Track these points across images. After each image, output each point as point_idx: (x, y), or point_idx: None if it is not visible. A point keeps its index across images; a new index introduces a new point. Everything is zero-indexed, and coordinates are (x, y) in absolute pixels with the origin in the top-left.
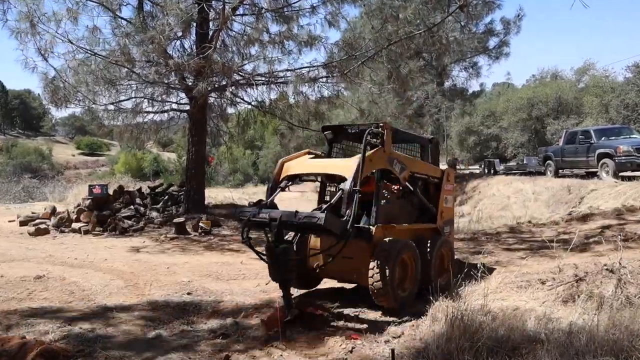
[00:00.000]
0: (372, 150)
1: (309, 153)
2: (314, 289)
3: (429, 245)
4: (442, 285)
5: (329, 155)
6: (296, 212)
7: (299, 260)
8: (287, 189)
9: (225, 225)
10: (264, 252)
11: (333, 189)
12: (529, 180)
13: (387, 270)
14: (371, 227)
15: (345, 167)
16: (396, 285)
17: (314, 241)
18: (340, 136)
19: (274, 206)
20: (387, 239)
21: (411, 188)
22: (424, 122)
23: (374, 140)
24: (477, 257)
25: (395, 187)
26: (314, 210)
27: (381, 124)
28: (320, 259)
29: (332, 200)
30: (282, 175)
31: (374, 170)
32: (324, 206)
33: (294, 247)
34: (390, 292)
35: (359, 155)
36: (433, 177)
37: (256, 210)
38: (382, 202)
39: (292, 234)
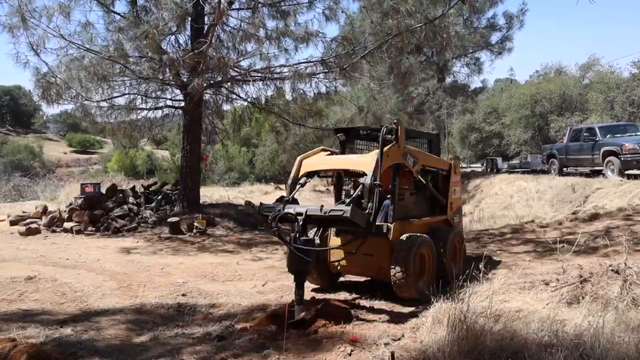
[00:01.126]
0: (388, 146)
1: (323, 150)
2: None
3: (442, 237)
4: (456, 274)
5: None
6: (321, 206)
7: (320, 255)
8: (304, 185)
9: (220, 225)
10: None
11: (346, 186)
12: (532, 178)
13: (408, 265)
14: (389, 224)
15: (364, 162)
16: (416, 278)
17: (334, 240)
18: (351, 137)
19: (295, 202)
20: (405, 235)
21: (423, 181)
22: (425, 119)
23: (389, 136)
24: (479, 258)
25: (406, 185)
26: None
27: (394, 121)
28: (341, 257)
29: (354, 194)
30: (301, 172)
31: (389, 164)
32: (347, 200)
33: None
34: (412, 284)
35: (377, 151)
36: (442, 170)
37: (281, 206)
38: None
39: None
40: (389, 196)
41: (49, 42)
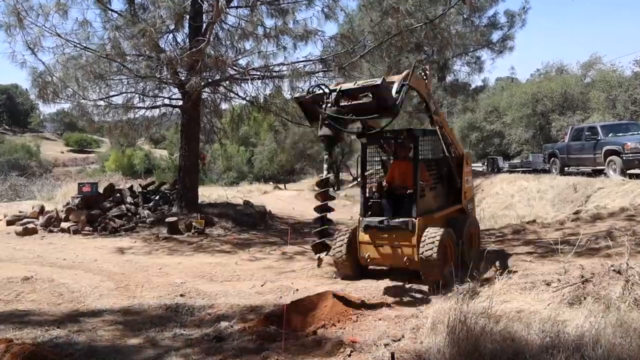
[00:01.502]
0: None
1: None
2: None
3: (460, 226)
4: (473, 258)
5: (364, 158)
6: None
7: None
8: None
9: (219, 225)
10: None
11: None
12: (533, 178)
13: (434, 255)
14: (414, 220)
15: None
16: (442, 265)
17: (362, 235)
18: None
19: None
20: (428, 229)
21: (440, 134)
22: (425, 118)
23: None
24: (480, 257)
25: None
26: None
27: (425, 67)
28: (370, 250)
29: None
30: None
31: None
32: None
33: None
34: (438, 271)
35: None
36: (458, 153)
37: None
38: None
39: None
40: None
41: (45, 40)
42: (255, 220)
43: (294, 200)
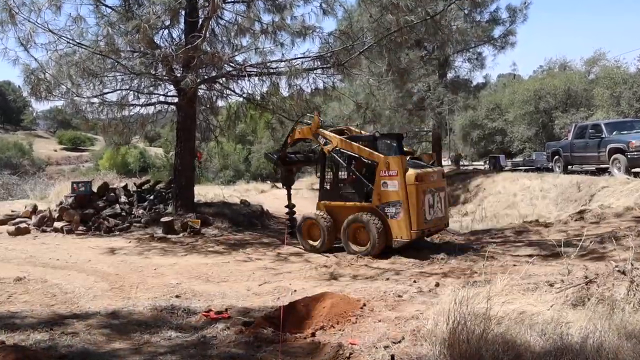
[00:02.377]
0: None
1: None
2: None
3: None
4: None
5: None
6: None
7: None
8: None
9: (215, 224)
10: None
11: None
12: (536, 176)
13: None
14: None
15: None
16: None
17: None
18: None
19: None
20: None
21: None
22: (425, 116)
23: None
24: (482, 257)
25: None
26: None
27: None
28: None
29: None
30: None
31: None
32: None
33: None
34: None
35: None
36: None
37: None
38: None
39: None
40: None
41: (38, 37)
42: (252, 220)
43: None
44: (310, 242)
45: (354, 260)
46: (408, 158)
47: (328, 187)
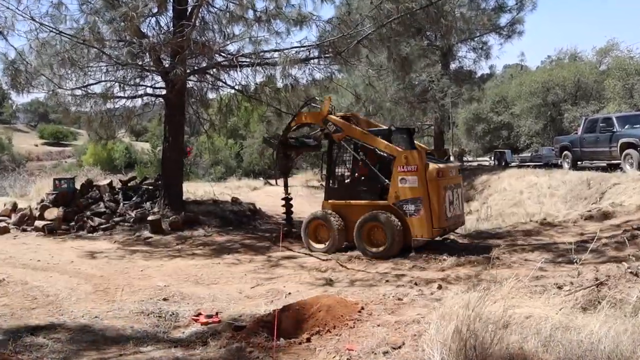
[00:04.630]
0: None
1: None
2: None
3: None
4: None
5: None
6: None
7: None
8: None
9: (205, 223)
10: None
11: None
12: (544, 173)
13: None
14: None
15: None
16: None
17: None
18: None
19: None
20: None
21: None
22: (428, 108)
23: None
24: (486, 258)
25: None
26: None
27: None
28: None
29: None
30: None
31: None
32: None
33: None
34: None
35: None
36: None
37: None
38: None
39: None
40: None
41: (17, 24)
42: (244, 218)
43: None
44: (317, 244)
45: (351, 261)
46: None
47: (336, 185)
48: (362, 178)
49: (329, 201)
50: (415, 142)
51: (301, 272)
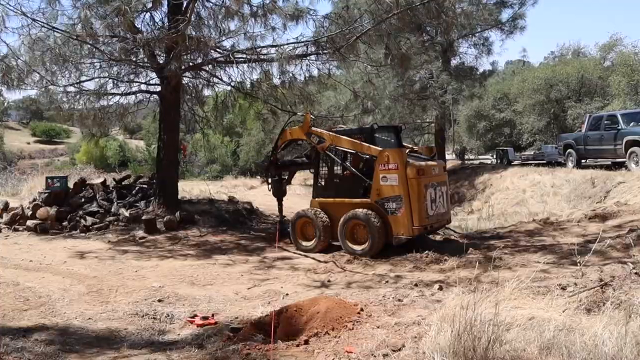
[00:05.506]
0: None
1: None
2: None
3: None
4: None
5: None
6: None
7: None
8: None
9: (201, 223)
10: None
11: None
12: (547, 171)
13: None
14: None
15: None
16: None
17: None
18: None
19: None
20: None
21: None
22: (428, 105)
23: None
24: (488, 259)
25: None
26: None
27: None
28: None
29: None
30: None
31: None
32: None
33: None
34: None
35: None
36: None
37: None
38: None
39: None
40: None
41: (9, 20)
42: (240, 218)
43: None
44: (304, 242)
45: (349, 262)
46: (407, 151)
47: (323, 183)
48: (347, 177)
49: (317, 199)
50: (401, 140)
51: (298, 273)
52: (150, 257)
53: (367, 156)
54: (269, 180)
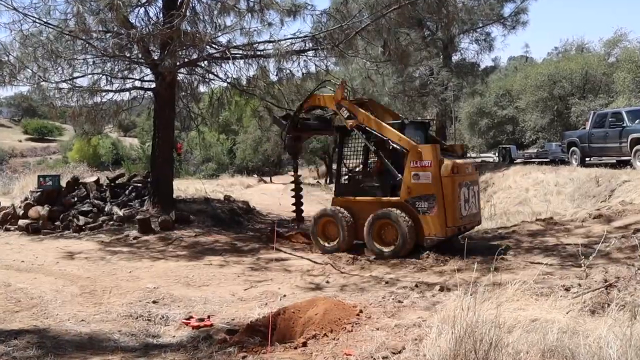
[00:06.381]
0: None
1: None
2: None
3: None
4: None
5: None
6: None
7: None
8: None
9: (196, 222)
10: None
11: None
12: (550, 170)
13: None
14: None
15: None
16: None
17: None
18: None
19: None
20: None
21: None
22: (428, 103)
23: None
24: (490, 259)
25: None
26: None
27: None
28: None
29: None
30: None
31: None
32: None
33: None
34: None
35: None
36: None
37: None
38: None
39: None
40: None
41: (0, 15)
42: (237, 217)
43: (280, 195)
44: (325, 243)
45: (348, 263)
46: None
47: (346, 180)
48: (373, 173)
49: (339, 197)
50: (431, 136)
51: (296, 274)
52: (144, 258)
53: (398, 147)
54: (284, 137)
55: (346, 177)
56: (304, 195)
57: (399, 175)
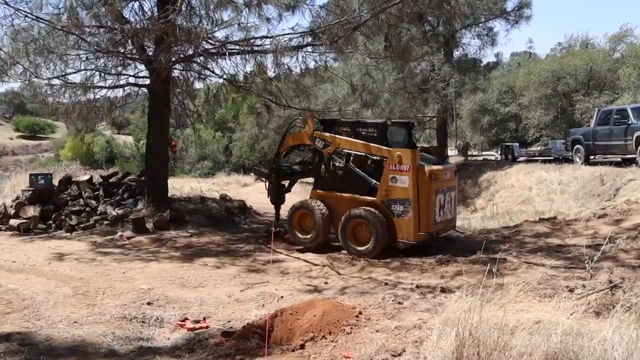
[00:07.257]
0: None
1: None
2: None
3: None
4: None
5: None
6: None
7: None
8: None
9: (191, 222)
10: None
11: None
12: (554, 168)
13: None
14: None
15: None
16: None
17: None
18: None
19: None
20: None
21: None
22: (429, 99)
23: None
24: (492, 260)
25: None
26: None
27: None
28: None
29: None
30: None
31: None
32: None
33: None
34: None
35: None
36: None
37: None
38: None
39: None
40: None
41: None
42: (233, 217)
43: None
44: (301, 235)
45: (347, 264)
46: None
47: (326, 175)
48: (352, 172)
49: (317, 191)
50: (412, 139)
51: (294, 275)
52: (138, 258)
53: (378, 157)
54: (268, 187)
55: (327, 172)
56: (304, 195)
57: (376, 181)
